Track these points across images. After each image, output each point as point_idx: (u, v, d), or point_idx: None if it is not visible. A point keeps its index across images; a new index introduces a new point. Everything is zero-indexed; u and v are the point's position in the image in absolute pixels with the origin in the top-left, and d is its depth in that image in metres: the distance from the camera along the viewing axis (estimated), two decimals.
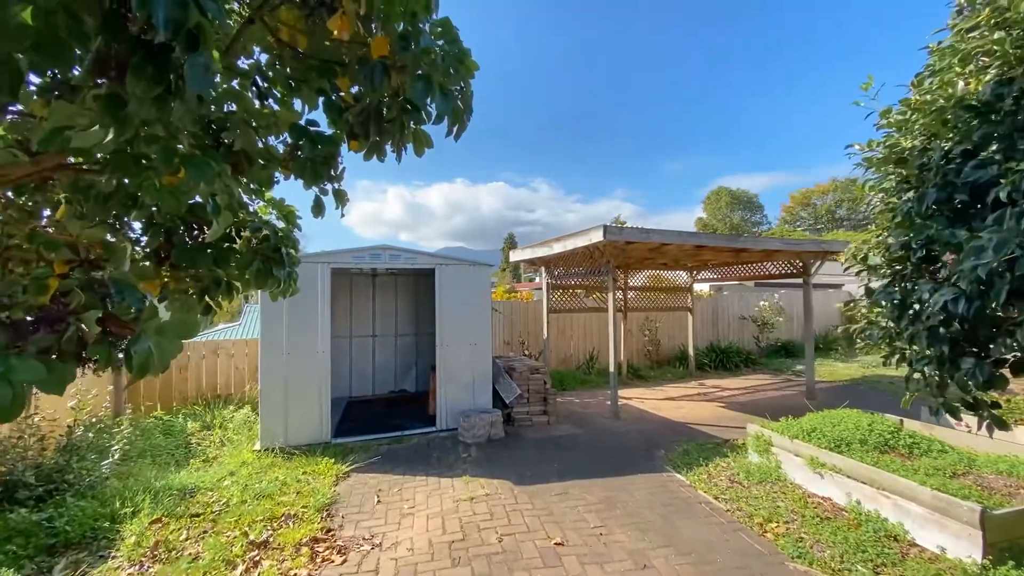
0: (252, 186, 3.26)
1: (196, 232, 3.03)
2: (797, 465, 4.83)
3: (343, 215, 2.58)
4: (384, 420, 7.35)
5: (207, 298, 2.99)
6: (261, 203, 3.35)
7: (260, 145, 2.29)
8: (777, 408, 8.11)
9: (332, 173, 2.37)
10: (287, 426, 6.00)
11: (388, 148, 2.66)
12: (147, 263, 2.76)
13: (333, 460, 5.55)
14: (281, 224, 3.37)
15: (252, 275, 2.86)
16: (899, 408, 7.88)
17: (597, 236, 6.57)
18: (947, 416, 5.57)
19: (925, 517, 3.61)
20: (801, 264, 8.72)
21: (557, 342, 10.94)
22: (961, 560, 3.32)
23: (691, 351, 11.33)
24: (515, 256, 9.18)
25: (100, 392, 6.68)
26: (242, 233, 3.08)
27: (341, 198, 2.47)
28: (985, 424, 2.65)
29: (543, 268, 9.55)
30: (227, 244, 2.98)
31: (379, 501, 4.65)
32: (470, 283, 6.86)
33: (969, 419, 5.78)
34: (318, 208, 2.44)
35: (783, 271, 9.25)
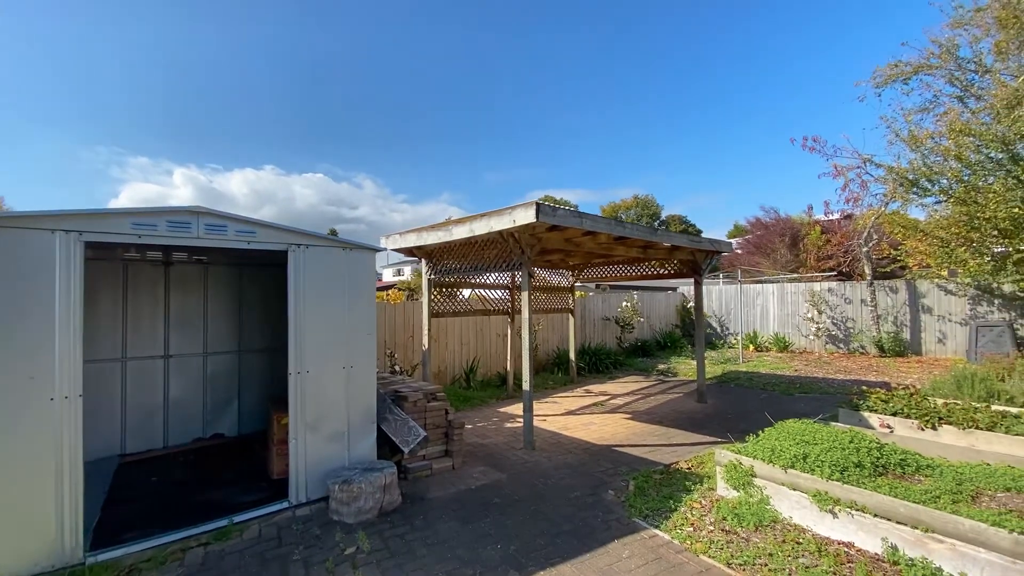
0: None
1: None
2: (795, 502, 3.95)
3: None
4: (190, 494, 4.57)
5: None
6: None
7: None
8: (681, 415, 7.61)
9: None
10: None
11: None
12: None
13: None
14: None
15: None
16: (799, 407, 8.17)
17: (524, 216, 4.97)
18: (866, 418, 5.25)
19: (1004, 567, 2.89)
20: (693, 262, 8.45)
21: (432, 352, 8.99)
22: None
23: (573, 356, 10.51)
24: (391, 244, 7.02)
25: None
26: None
27: None
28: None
29: (423, 261, 7.56)
30: None
31: None
32: (345, 275, 4.60)
33: (889, 420, 5.81)
34: None
35: (674, 271, 8.93)
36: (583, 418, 7.55)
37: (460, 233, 5.88)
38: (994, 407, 5.54)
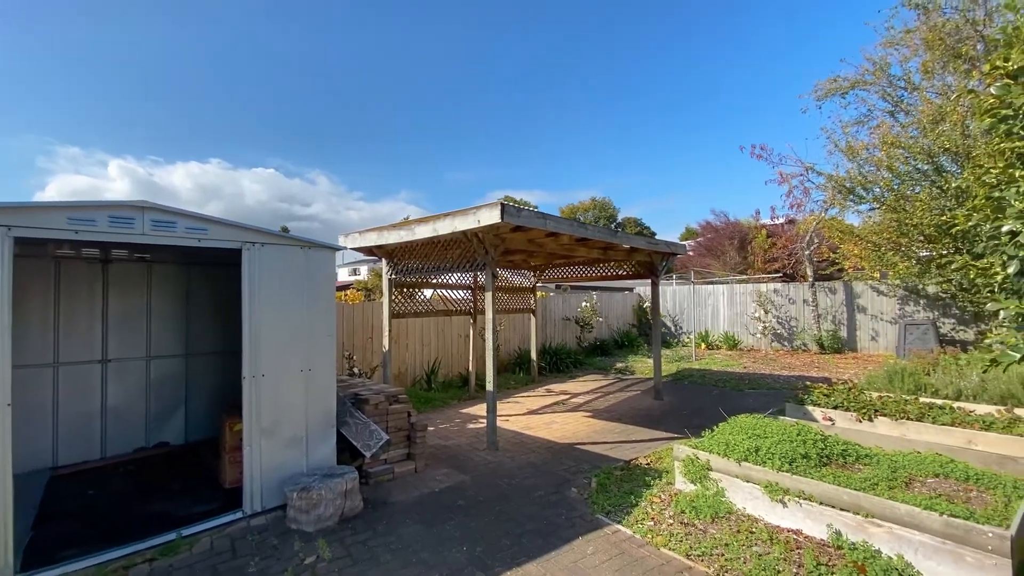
0: None
1: None
2: (748, 493, 4.13)
3: None
4: (133, 507, 4.30)
5: None
6: None
7: None
8: (639, 412, 7.81)
9: None
10: None
11: None
12: None
13: None
14: None
15: None
16: (749, 403, 8.55)
17: (490, 217, 4.97)
18: (811, 412, 5.57)
19: (935, 547, 3.13)
20: (650, 263, 8.70)
21: (392, 353, 8.84)
22: None
23: (534, 355, 10.59)
24: (351, 242, 6.83)
25: None
26: None
27: None
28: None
29: (384, 260, 7.41)
30: None
31: None
32: (304, 274, 4.45)
33: (831, 413, 6.18)
34: None
35: (632, 272, 9.15)
36: (545, 417, 7.62)
37: (423, 233, 5.81)
38: (922, 399, 5.99)
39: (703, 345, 15.67)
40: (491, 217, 4.95)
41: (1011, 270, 2.20)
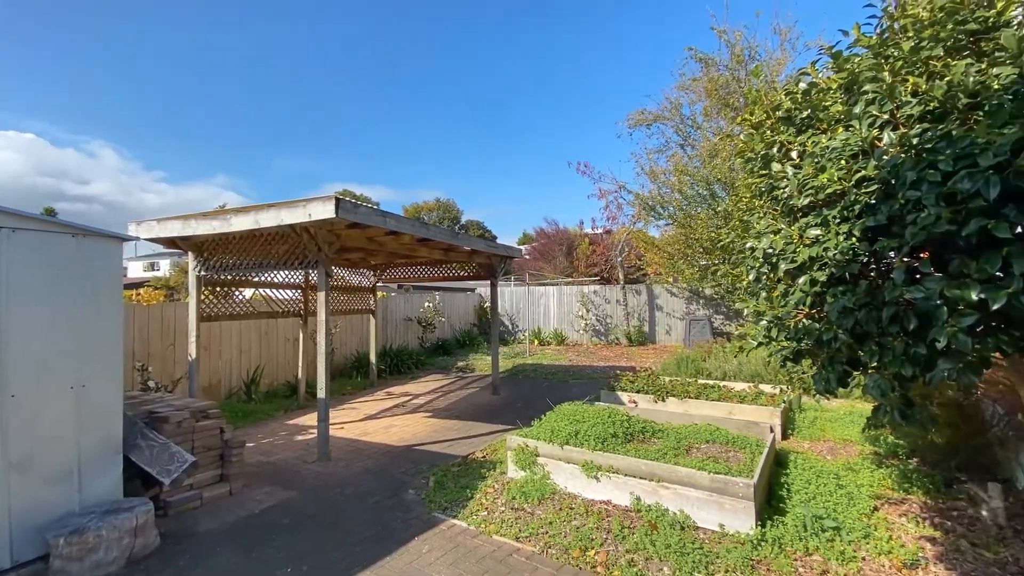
0: None
1: None
2: (569, 473, 4.60)
3: None
4: None
5: None
6: None
7: None
8: (478, 408, 8.11)
9: None
10: None
11: None
12: None
13: None
14: None
15: None
16: (573, 392, 9.38)
17: (323, 211, 4.66)
18: (620, 396, 6.53)
19: (705, 500, 3.89)
20: (490, 265, 9.09)
21: (201, 362, 7.66)
22: (739, 532, 3.70)
23: (373, 358, 10.19)
24: (145, 232, 5.69)
25: None
26: None
27: None
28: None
29: (191, 254, 6.38)
30: None
31: None
32: (76, 269, 3.60)
33: (635, 396, 7.19)
34: None
35: (473, 273, 9.44)
36: (384, 421, 7.41)
37: (242, 224, 5.17)
38: (700, 381, 7.39)
39: (536, 341, 16.90)
40: (324, 212, 4.65)
41: (751, 277, 2.88)
